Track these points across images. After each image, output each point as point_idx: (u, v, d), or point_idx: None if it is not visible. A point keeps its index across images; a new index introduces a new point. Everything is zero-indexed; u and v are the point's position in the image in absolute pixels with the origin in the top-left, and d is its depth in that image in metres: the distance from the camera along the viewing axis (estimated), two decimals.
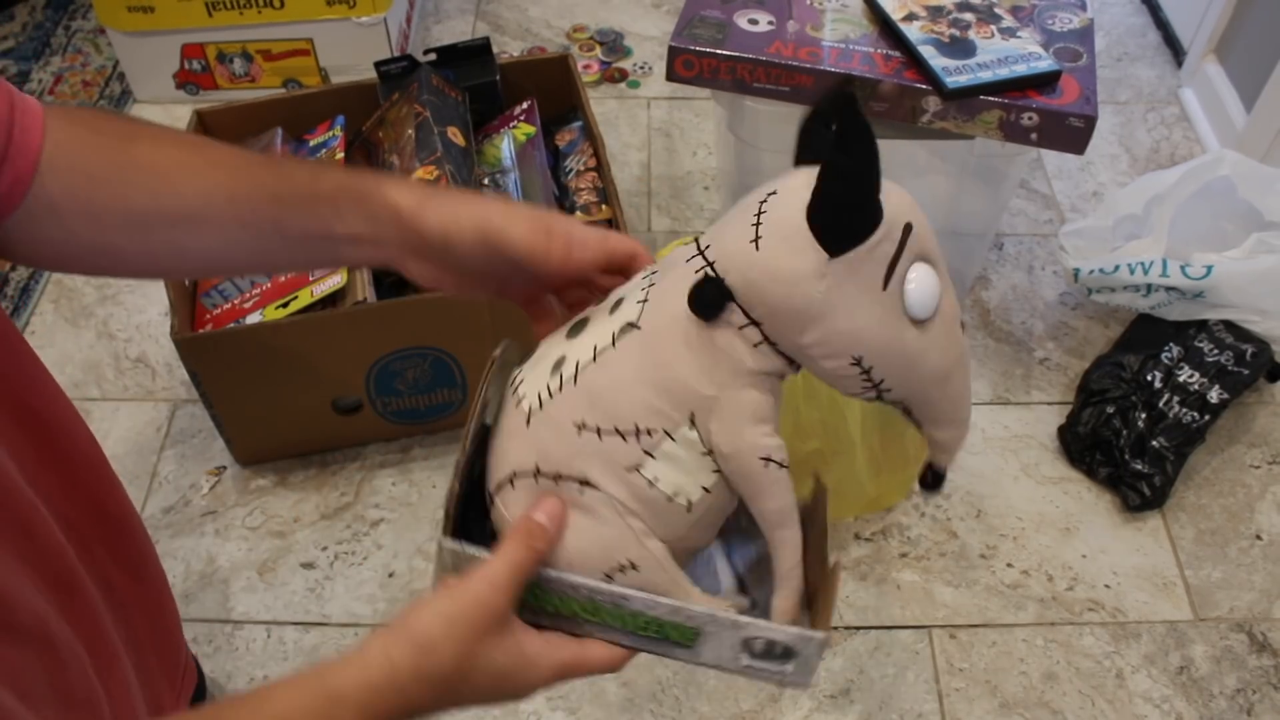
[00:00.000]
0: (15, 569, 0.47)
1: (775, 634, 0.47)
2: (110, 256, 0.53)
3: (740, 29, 1.21)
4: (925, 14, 1.22)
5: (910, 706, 1.09)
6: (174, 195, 0.51)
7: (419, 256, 0.53)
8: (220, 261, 0.56)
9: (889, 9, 1.22)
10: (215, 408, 1.20)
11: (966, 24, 1.21)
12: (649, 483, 0.46)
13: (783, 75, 1.18)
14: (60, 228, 0.50)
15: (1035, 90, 1.15)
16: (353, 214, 0.52)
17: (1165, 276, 1.28)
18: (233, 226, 0.52)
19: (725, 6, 1.24)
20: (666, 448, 0.46)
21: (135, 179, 0.51)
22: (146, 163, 0.52)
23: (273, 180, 0.52)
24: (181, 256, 0.54)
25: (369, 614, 1.16)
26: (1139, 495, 1.22)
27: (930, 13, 1.22)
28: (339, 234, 0.52)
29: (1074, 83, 1.16)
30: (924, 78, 1.16)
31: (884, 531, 1.22)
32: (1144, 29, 1.89)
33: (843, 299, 0.43)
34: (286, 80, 1.72)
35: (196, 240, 0.53)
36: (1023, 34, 1.20)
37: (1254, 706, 1.09)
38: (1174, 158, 1.64)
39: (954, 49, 1.17)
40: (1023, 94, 1.15)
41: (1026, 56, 1.16)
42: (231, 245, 0.53)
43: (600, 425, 0.46)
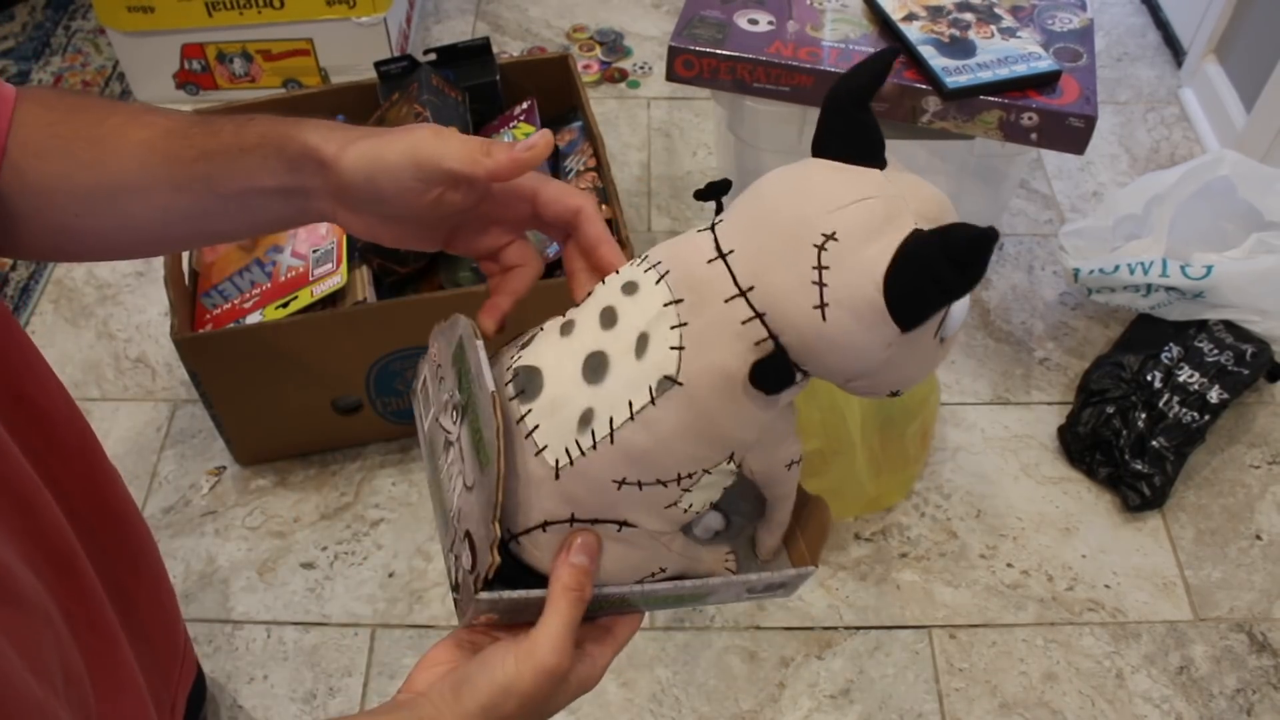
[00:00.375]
0: (16, 544, 0.47)
1: (776, 578, 0.51)
2: (66, 236, 0.51)
3: (740, 29, 1.21)
4: (925, 14, 1.22)
5: (910, 706, 1.09)
6: (115, 163, 0.49)
7: (347, 205, 0.49)
8: (166, 229, 0.53)
9: (889, 9, 1.22)
10: (215, 408, 1.20)
11: (966, 24, 1.21)
12: (683, 510, 0.47)
13: (783, 75, 1.18)
14: (13, 212, 0.49)
15: (1035, 90, 1.15)
16: (276, 162, 0.48)
17: (1165, 276, 1.28)
18: (170, 190, 0.50)
19: (725, 6, 1.25)
20: (703, 480, 0.47)
21: (77, 151, 0.49)
22: (89, 134, 0.49)
23: (202, 136, 0.49)
24: (130, 229, 0.52)
25: (369, 614, 1.16)
26: (1139, 495, 1.22)
27: (930, 13, 1.22)
28: (267, 186, 0.49)
29: (1074, 83, 1.16)
30: (924, 78, 1.16)
31: (884, 531, 1.22)
32: (1144, 29, 1.89)
33: (902, 358, 0.42)
34: (286, 80, 1.72)
35: (140, 209, 0.50)
36: (1023, 34, 1.20)
37: (1254, 706, 1.09)
38: (1174, 158, 1.64)
39: (954, 49, 1.17)
40: (1023, 94, 1.15)
41: (1026, 56, 1.16)
42: (173, 211, 0.51)
43: (642, 479, 0.45)
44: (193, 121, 0.51)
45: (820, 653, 1.13)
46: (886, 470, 1.20)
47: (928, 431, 1.25)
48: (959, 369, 1.38)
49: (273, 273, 1.20)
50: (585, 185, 1.30)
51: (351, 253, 1.20)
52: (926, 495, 1.26)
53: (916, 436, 1.22)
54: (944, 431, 1.31)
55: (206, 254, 1.25)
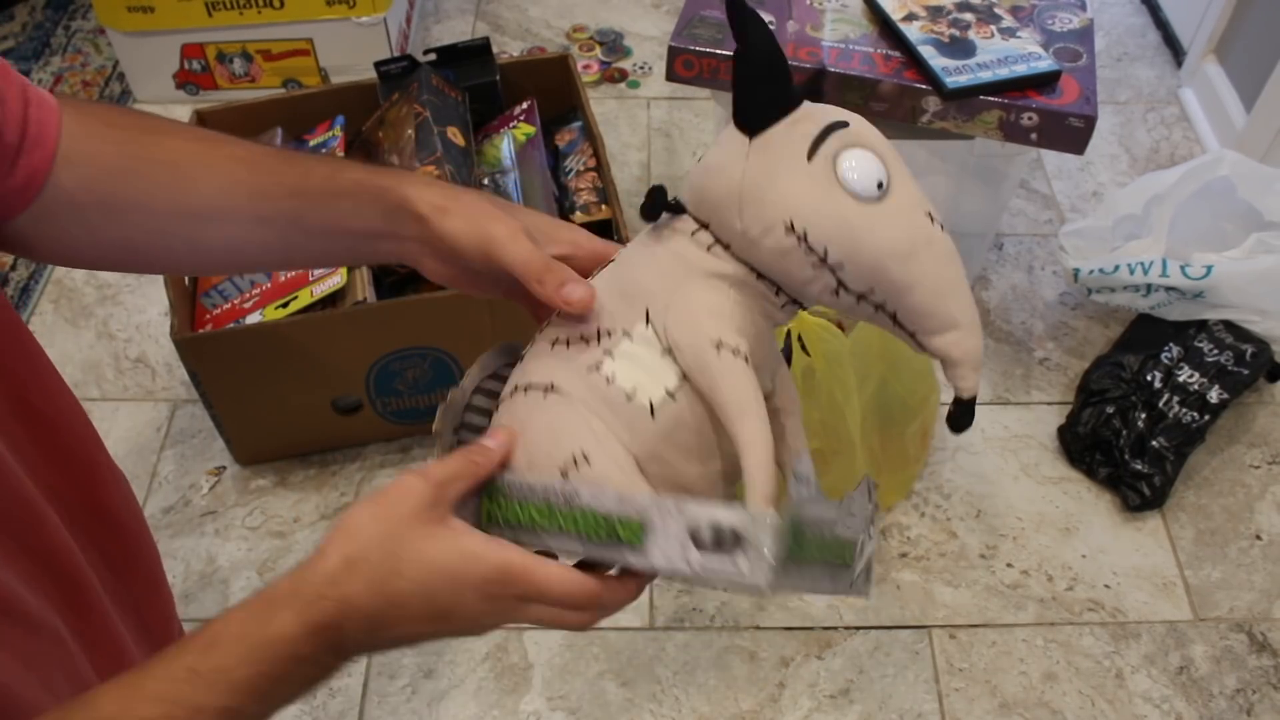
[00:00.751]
0: (21, 565, 0.47)
1: (719, 515, 0.42)
2: (128, 251, 0.52)
3: None
4: (925, 14, 1.22)
5: (910, 706, 1.09)
6: (194, 190, 0.51)
7: (436, 256, 0.52)
8: (238, 256, 0.55)
9: (889, 9, 1.22)
10: (215, 408, 1.20)
11: (966, 24, 1.21)
12: (606, 380, 0.46)
13: None
14: (78, 223, 0.50)
15: (1035, 90, 1.15)
16: (371, 210, 0.52)
17: (1165, 276, 1.28)
18: (252, 222, 0.52)
19: None
20: (624, 347, 0.47)
21: (155, 173, 0.51)
22: (166, 157, 0.51)
23: (293, 176, 0.52)
24: (200, 251, 0.54)
25: None
26: (1139, 495, 1.22)
27: (930, 13, 1.22)
28: (357, 229, 0.52)
29: (1074, 83, 1.16)
30: (924, 78, 1.16)
31: (884, 531, 1.22)
32: (1144, 29, 1.89)
33: (765, 169, 0.45)
34: (286, 80, 1.72)
35: (216, 235, 0.53)
36: (1022, 34, 1.20)
37: (1254, 706, 1.09)
38: (1174, 158, 1.64)
39: (954, 49, 1.17)
40: (1022, 94, 1.15)
41: (1026, 56, 1.16)
42: (250, 240, 0.53)
43: (569, 337, 0.48)
44: (282, 158, 0.53)
45: (820, 653, 1.13)
46: (886, 470, 1.20)
47: (928, 431, 1.25)
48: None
49: (272, 272, 1.20)
50: (585, 185, 1.30)
51: None
52: (926, 495, 1.26)
53: (916, 436, 1.22)
54: (944, 431, 1.31)
55: None
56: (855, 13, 1.25)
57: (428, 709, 1.09)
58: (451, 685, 1.10)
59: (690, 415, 0.46)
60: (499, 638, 1.13)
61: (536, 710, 1.09)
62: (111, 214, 0.50)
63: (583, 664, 1.12)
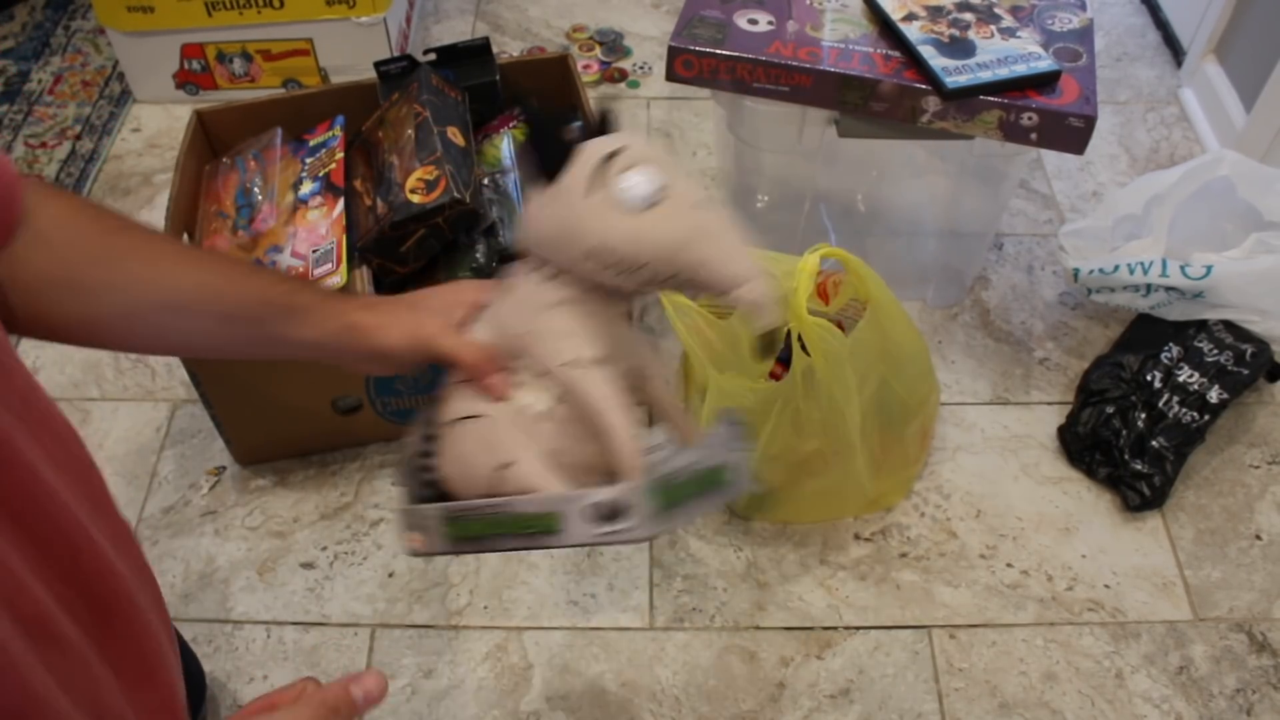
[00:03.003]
0: (55, 586, 0.48)
1: (604, 494, 0.55)
2: (91, 330, 0.58)
3: (740, 29, 1.21)
4: (925, 14, 1.22)
5: (910, 706, 1.09)
6: (171, 283, 0.59)
7: (373, 363, 0.66)
8: (192, 345, 0.64)
9: (888, 9, 1.22)
10: (215, 408, 1.20)
11: (966, 24, 1.21)
12: (517, 405, 0.61)
13: (782, 75, 1.18)
14: (47, 298, 0.55)
15: (1035, 90, 1.15)
16: (319, 326, 0.64)
17: (1165, 276, 1.28)
18: (217, 320, 0.61)
19: (725, 6, 1.24)
20: (521, 378, 0.61)
21: (130, 264, 0.58)
22: (144, 252, 0.59)
23: (259, 286, 0.63)
24: (160, 338, 0.62)
25: (369, 614, 1.16)
26: (1139, 495, 1.22)
27: (930, 13, 1.22)
28: (305, 339, 0.64)
29: (1073, 83, 1.16)
30: (924, 78, 1.16)
31: (884, 532, 1.22)
32: (1143, 29, 1.89)
33: (560, 211, 0.58)
34: (286, 80, 1.72)
35: (181, 325, 0.61)
36: (1022, 34, 1.20)
37: (1254, 706, 1.09)
38: (1174, 158, 1.64)
39: (954, 49, 1.17)
40: (1022, 94, 1.15)
41: (1026, 56, 1.16)
42: (211, 336, 0.62)
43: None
44: (249, 268, 0.63)
45: (820, 653, 1.13)
46: (886, 470, 1.20)
47: (927, 431, 1.25)
48: (958, 369, 1.38)
49: None
50: None
51: (351, 252, 1.20)
52: (926, 495, 1.26)
53: (916, 436, 1.22)
54: (944, 431, 1.31)
55: None
56: (855, 13, 1.25)
57: (427, 709, 1.09)
58: (451, 685, 1.10)
59: (574, 413, 0.60)
60: (499, 637, 1.14)
61: (536, 710, 1.09)
62: (84, 294, 0.56)
63: (583, 664, 1.12)
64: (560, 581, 1.18)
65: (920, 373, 1.18)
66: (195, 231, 1.28)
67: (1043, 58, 1.16)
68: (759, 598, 1.17)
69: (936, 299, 1.46)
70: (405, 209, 1.14)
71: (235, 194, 1.28)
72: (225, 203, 1.28)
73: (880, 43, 1.20)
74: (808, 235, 1.44)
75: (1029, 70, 1.15)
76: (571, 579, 1.18)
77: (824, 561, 1.20)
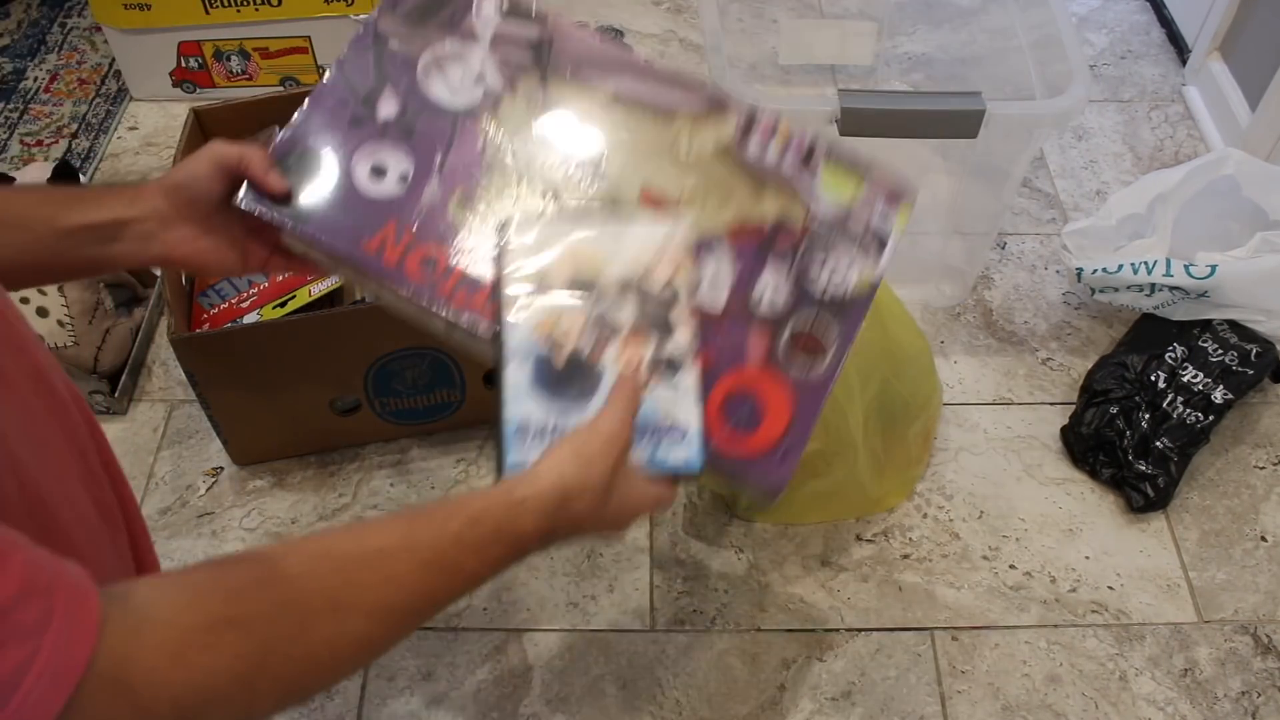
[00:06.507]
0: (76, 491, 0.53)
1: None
2: None
3: (353, 181, 0.72)
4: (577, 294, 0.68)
5: (912, 709, 1.08)
6: None
7: (175, 219, 0.65)
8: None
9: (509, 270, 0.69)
10: (212, 408, 1.19)
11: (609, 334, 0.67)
12: None
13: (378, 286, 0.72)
14: None
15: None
16: (116, 199, 0.64)
17: (1169, 276, 1.28)
18: (12, 228, 0.61)
19: (352, 132, 0.74)
20: None
21: None
22: None
23: (41, 189, 0.66)
24: None
25: None
26: (1143, 496, 1.22)
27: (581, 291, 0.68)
28: (105, 220, 0.63)
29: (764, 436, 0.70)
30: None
31: (886, 533, 1.22)
32: (1148, 26, 1.88)
33: None
34: (284, 78, 1.71)
35: None
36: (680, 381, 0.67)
37: (1259, 709, 1.08)
38: (1178, 156, 1.64)
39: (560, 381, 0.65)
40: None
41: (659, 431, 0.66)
42: (8, 245, 0.61)
43: None
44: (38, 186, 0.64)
45: (822, 654, 1.12)
46: (888, 471, 1.20)
47: (930, 432, 1.25)
48: (961, 369, 1.37)
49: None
50: None
51: None
52: (929, 496, 1.25)
53: (919, 437, 1.21)
54: (946, 432, 1.31)
55: None
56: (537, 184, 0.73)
57: (426, 711, 1.08)
58: (451, 687, 1.09)
59: None
60: (499, 639, 1.13)
61: (536, 712, 1.08)
62: None
63: (582, 666, 1.11)
64: (560, 583, 1.17)
65: (922, 373, 1.18)
66: None
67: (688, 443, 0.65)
68: (760, 599, 1.16)
69: (939, 298, 1.45)
70: None
71: None
72: None
73: None
74: None
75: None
76: (571, 581, 1.17)
77: (825, 563, 1.19)
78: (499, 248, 0.67)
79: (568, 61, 0.76)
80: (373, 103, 0.74)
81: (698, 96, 0.76)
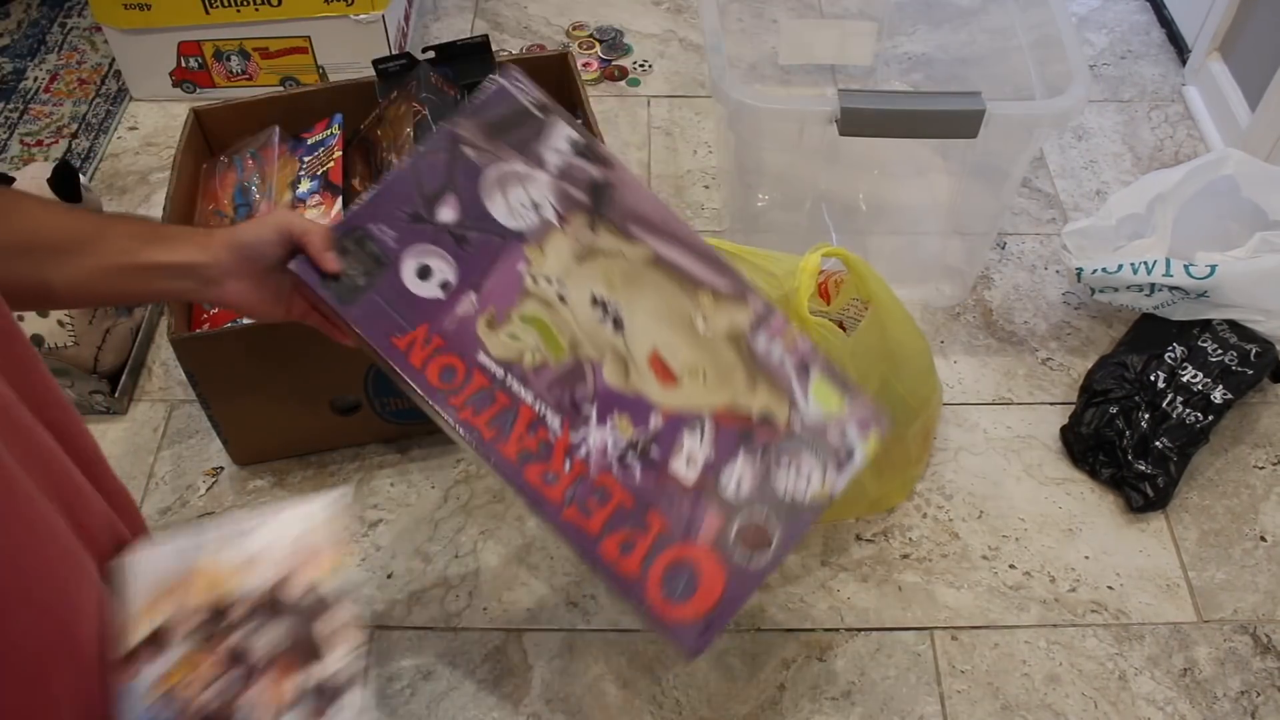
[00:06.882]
0: None
1: None
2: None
3: (399, 280, 0.76)
4: None
5: (912, 709, 1.08)
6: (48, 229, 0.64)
7: (236, 272, 0.72)
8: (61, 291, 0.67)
9: None
10: (212, 408, 1.19)
11: None
12: None
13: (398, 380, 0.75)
14: None
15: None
16: (189, 244, 0.70)
17: (1169, 276, 1.28)
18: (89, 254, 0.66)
19: (408, 228, 0.77)
20: None
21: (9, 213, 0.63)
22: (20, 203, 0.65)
23: (125, 222, 0.69)
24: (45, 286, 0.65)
25: (367, 615, 1.15)
26: (1142, 496, 1.22)
27: None
28: (178, 262, 0.70)
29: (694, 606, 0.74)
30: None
31: (885, 533, 1.22)
32: (1147, 26, 1.88)
33: None
34: (284, 78, 1.71)
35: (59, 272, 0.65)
36: None
37: (1258, 709, 1.08)
38: (1178, 156, 1.64)
39: None
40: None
41: None
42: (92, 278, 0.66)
43: None
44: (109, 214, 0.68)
45: (821, 654, 1.12)
46: (888, 471, 1.20)
47: (929, 432, 1.25)
48: (961, 369, 1.37)
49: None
50: None
51: None
52: (928, 496, 1.25)
53: (918, 437, 1.21)
54: (946, 432, 1.31)
55: None
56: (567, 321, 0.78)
57: (426, 710, 1.08)
58: (450, 687, 1.10)
59: None
60: (499, 639, 1.13)
61: (536, 712, 1.08)
62: None
63: (582, 666, 1.11)
64: (560, 583, 1.17)
65: (922, 373, 1.18)
66: None
67: None
68: (760, 599, 1.16)
69: (938, 298, 1.45)
70: None
71: (233, 193, 1.27)
72: (223, 201, 1.27)
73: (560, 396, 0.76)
74: (809, 234, 1.43)
75: None
76: (571, 581, 1.18)
77: (825, 563, 1.19)
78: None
79: (621, 212, 0.79)
80: (434, 204, 0.77)
81: (726, 280, 0.79)
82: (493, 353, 0.75)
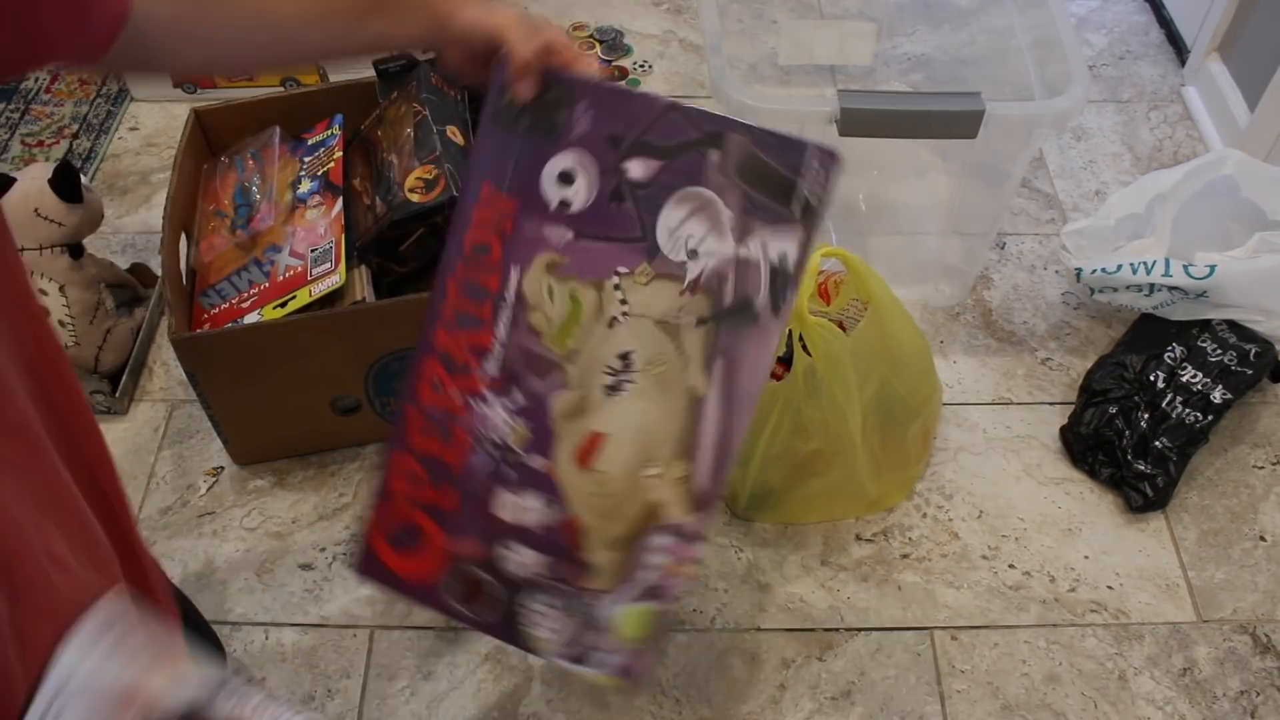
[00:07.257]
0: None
1: None
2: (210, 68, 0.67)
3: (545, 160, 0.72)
4: None
5: (912, 708, 1.08)
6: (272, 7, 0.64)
7: (451, 48, 0.67)
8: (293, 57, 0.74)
9: None
10: (213, 408, 1.19)
11: None
12: None
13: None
14: (170, 47, 0.61)
15: None
16: (408, 15, 0.67)
17: (1168, 276, 1.28)
18: (315, 28, 0.66)
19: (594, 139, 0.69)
20: None
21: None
22: None
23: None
24: (267, 56, 0.67)
25: (368, 615, 1.15)
26: (1142, 496, 1.22)
27: None
28: (397, 32, 0.67)
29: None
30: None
31: (885, 533, 1.22)
32: (1146, 27, 1.88)
33: None
34: (285, 79, 1.71)
35: (284, 41, 0.65)
36: None
37: (1257, 709, 1.08)
38: (1177, 156, 1.64)
39: None
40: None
41: None
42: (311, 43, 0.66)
43: None
44: None
45: (821, 654, 1.12)
46: (888, 471, 1.20)
47: (929, 432, 1.25)
48: (960, 369, 1.37)
49: (271, 272, 1.20)
50: None
51: (350, 252, 1.19)
52: (928, 496, 1.25)
53: (918, 437, 1.21)
54: (946, 432, 1.31)
55: (204, 253, 1.25)
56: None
57: (427, 711, 1.08)
58: (451, 687, 1.10)
59: None
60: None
61: (536, 712, 1.08)
62: (195, 40, 0.62)
63: None
64: None
65: (922, 372, 1.18)
66: (193, 231, 1.28)
67: None
68: (760, 599, 1.16)
69: (938, 298, 1.45)
70: (404, 208, 1.14)
71: (234, 193, 1.28)
72: (223, 202, 1.27)
73: None
74: None
75: None
76: None
77: (825, 563, 1.19)
78: None
79: (730, 355, 0.68)
80: (636, 151, 0.67)
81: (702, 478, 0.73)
82: (524, 282, 0.69)
